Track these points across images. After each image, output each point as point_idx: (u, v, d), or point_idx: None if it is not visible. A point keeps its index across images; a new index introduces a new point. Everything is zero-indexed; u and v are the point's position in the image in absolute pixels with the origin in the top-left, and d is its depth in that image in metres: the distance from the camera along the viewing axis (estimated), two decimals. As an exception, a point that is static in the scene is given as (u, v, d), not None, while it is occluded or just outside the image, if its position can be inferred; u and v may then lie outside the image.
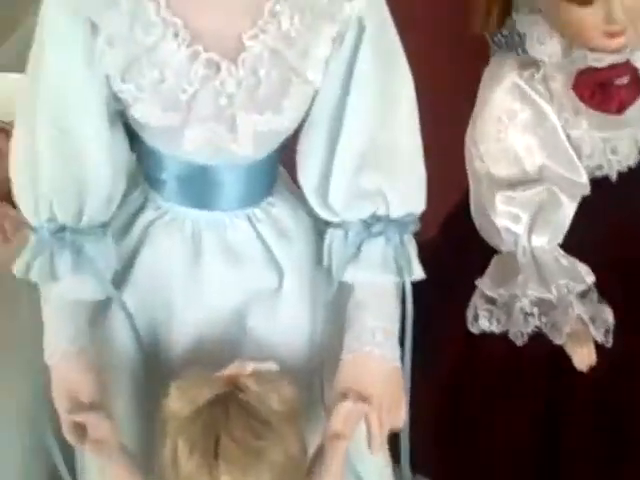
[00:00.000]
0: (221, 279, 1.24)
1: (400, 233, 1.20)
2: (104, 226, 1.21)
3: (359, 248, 1.20)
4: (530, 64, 1.39)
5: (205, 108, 1.13)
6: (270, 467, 1.09)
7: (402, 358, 1.22)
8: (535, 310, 1.37)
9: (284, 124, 1.16)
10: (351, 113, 1.17)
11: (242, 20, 1.12)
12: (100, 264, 1.20)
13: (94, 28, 1.11)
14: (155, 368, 1.26)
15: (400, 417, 1.21)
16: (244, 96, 1.13)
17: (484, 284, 1.41)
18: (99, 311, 1.25)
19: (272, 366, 1.15)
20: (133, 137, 1.23)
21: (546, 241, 1.41)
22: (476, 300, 1.41)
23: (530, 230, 1.40)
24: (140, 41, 1.10)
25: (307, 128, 1.21)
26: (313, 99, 1.18)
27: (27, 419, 1.42)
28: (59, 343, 1.20)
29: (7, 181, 1.22)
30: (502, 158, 1.41)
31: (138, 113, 1.14)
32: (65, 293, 1.20)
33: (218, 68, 1.12)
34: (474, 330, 1.41)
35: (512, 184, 1.41)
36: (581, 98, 1.35)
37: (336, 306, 1.25)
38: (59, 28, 1.12)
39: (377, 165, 1.19)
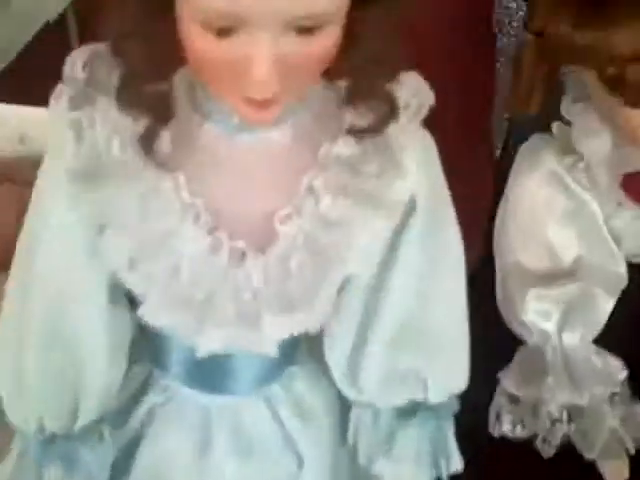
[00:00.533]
0: (234, 471, 1.07)
1: (438, 419, 1.06)
2: (100, 423, 1.03)
3: (392, 436, 1.06)
4: (573, 150, 1.24)
5: (225, 307, 0.93)
6: None
7: None
8: (564, 416, 1.29)
9: (316, 325, 0.97)
10: (389, 295, 1.00)
11: (273, 198, 0.91)
12: (95, 469, 1.03)
13: (101, 217, 0.91)
14: None
15: None
16: (272, 291, 0.92)
17: (508, 380, 1.31)
18: None
19: None
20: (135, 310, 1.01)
21: (578, 339, 1.30)
22: (499, 399, 1.32)
23: (561, 328, 1.29)
24: (153, 227, 0.90)
25: (337, 309, 1.01)
26: (347, 279, 0.98)
27: None
28: None
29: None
30: (535, 250, 1.29)
31: (146, 315, 0.93)
32: None
33: (243, 258, 0.92)
34: (495, 433, 1.33)
35: (544, 278, 1.29)
36: (629, 196, 1.24)
37: None
38: (59, 219, 0.92)
39: (415, 347, 1.03)
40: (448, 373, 1.05)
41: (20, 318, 0.98)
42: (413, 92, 0.92)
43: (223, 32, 0.76)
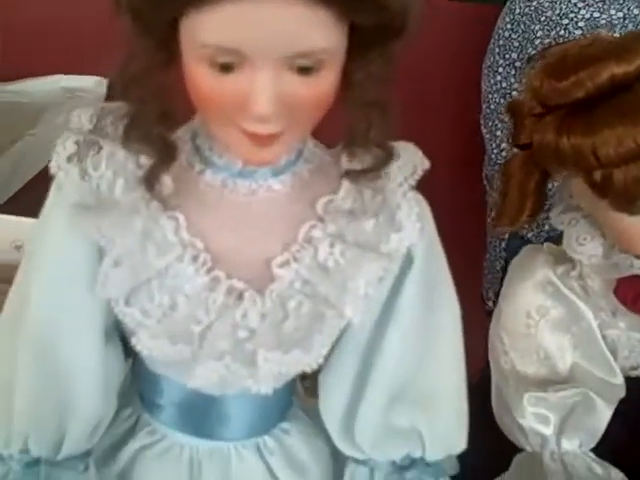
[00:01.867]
0: None
1: (435, 477, 1.07)
2: (86, 456, 1.05)
3: None
4: (565, 259, 1.28)
5: (220, 342, 0.96)
6: None
7: None
8: (565, 524, 1.27)
9: (312, 364, 0.99)
10: (386, 348, 1.02)
11: (272, 244, 0.96)
12: None
13: (101, 251, 0.95)
14: None
15: None
16: (268, 331, 0.96)
17: (502, 490, 1.31)
18: None
19: None
20: (127, 349, 1.06)
21: (577, 445, 1.29)
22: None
23: (560, 433, 1.28)
24: (152, 263, 0.94)
25: (332, 360, 1.06)
26: (344, 330, 1.03)
27: None
28: None
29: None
30: (531, 355, 1.30)
31: (140, 345, 0.97)
32: None
33: (240, 297, 0.96)
34: None
35: (541, 383, 1.30)
36: (623, 302, 1.26)
37: None
38: (59, 250, 0.97)
39: (413, 402, 1.05)
40: (446, 431, 1.06)
41: (12, 345, 0.99)
42: (409, 155, 0.99)
43: (225, 68, 0.82)
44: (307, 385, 1.16)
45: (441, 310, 1.04)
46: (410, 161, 0.99)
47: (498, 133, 1.93)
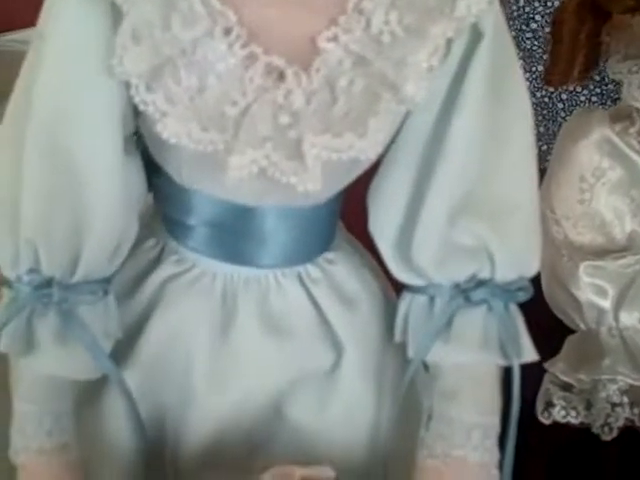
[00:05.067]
0: (259, 358, 0.91)
1: (505, 302, 0.89)
2: (105, 283, 0.89)
3: (450, 320, 0.89)
4: (623, 117, 1.15)
5: (259, 127, 0.80)
6: None
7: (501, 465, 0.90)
8: (625, 399, 1.11)
9: (367, 151, 0.83)
10: (449, 146, 0.86)
11: (318, 16, 0.80)
12: (97, 332, 0.87)
13: (117, 16, 0.79)
14: (160, 470, 0.94)
15: None
16: (314, 115, 0.80)
17: (557, 368, 1.14)
18: (90, 391, 0.92)
19: (328, 473, 0.83)
20: (150, 171, 0.93)
21: (638, 319, 1.14)
22: (548, 386, 1.14)
23: (618, 306, 1.13)
24: (177, 37, 0.77)
25: (387, 165, 0.90)
26: (401, 125, 0.87)
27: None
28: (31, 436, 0.87)
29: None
30: (585, 223, 1.16)
31: (167, 131, 0.80)
32: (45, 369, 0.87)
33: (282, 77, 0.80)
34: (546, 421, 1.14)
35: (597, 253, 1.16)
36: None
37: (410, 396, 0.94)
38: (68, 12, 0.80)
39: (481, 214, 0.87)
40: (517, 248, 0.89)
41: (19, 147, 0.83)
42: None
43: None
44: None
45: (511, 105, 0.88)
46: None
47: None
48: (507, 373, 0.93)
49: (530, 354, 0.91)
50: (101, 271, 0.88)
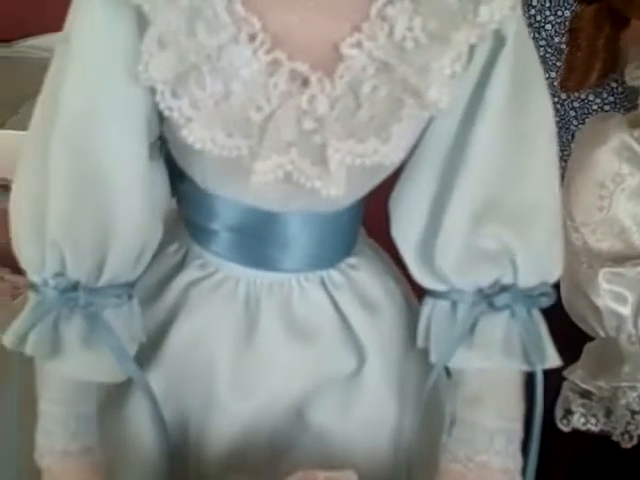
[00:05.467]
0: (282, 362, 0.91)
1: (528, 307, 0.89)
2: (129, 287, 0.89)
3: (473, 325, 0.89)
4: (640, 123, 1.16)
5: (284, 132, 0.80)
6: None
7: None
8: (645, 407, 1.11)
9: (390, 157, 0.83)
10: (472, 151, 0.86)
11: (341, 23, 0.80)
12: (122, 335, 0.88)
13: (142, 22, 0.79)
14: (183, 474, 0.94)
15: None
16: (338, 120, 0.80)
17: (576, 375, 1.13)
18: (114, 394, 0.93)
19: (351, 477, 0.83)
20: (174, 176, 0.93)
21: None
22: (567, 394, 1.13)
23: (638, 312, 1.12)
24: (202, 44, 0.78)
25: (410, 170, 0.90)
26: (424, 130, 0.87)
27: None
28: (56, 438, 0.87)
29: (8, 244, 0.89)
30: (604, 230, 1.15)
31: (192, 136, 0.80)
32: (71, 373, 0.87)
33: (306, 83, 0.80)
34: (565, 428, 1.13)
35: (616, 260, 1.15)
36: None
37: (433, 402, 0.94)
38: (94, 18, 0.80)
39: (504, 219, 0.87)
40: (540, 254, 0.89)
41: (45, 151, 0.83)
42: None
43: None
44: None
45: (534, 111, 0.88)
46: None
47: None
48: (528, 380, 0.92)
49: (553, 360, 0.90)
50: (126, 275, 0.88)
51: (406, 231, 0.91)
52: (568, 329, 1.18)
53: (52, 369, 0.87)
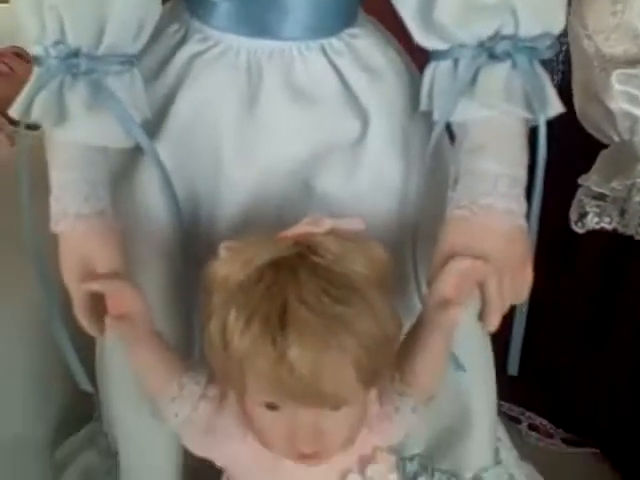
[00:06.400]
0: (285, 126, 0.90)
1: (530, 58, 0.86)
2: (130, 57, 0.88)
3: (475, 77, 0.87)
4: None
5: None
6: (357, 338, 0.76)
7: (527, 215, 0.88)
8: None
9: None
10: None
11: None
12: (126, 103, 0.87)
13: None
14: (194, 238, 0.94)
15: (524, 287, 0.87)
16: None
17: (591, 181, 1.11)
18: (123, 165, 0.93)
19: (357, 224, 0.82)
20: None
21: None
22: (581, 198, 1.12)
23: None
24: None
25: None
26: None
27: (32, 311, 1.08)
28: (69, 203, 0.87)
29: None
30: (618, 35, 1.12)
31: None
32: (78, 137, 0.87)
33: None
34: (580, 230, 1.11)
35: (630, 62, 1.12)
36: None
37: (437, 164, 0.92)
38: None
39: None
40: (542, 1, 0.86)
41: None
42: None
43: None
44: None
45: None
46: None
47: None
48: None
49: (556, 107, 0.88)
50: (126, 46, 0.87)
51: None
52: (582, 142, 1.16)
53: (60, 136, 0.87)
